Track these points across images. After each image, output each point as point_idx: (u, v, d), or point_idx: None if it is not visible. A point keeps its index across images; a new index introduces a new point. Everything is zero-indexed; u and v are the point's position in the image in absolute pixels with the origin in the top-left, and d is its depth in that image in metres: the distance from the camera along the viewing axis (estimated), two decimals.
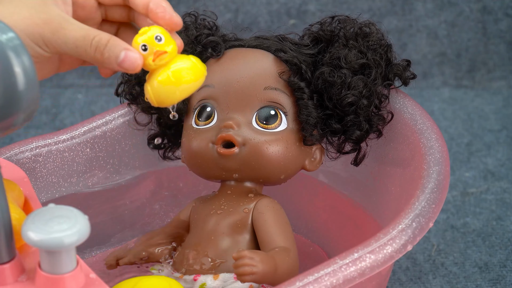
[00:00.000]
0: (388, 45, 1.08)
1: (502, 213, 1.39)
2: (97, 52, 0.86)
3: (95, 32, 0.87)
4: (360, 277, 0.92)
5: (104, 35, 0.87)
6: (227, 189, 1.06)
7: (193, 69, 0.90)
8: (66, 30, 0.86)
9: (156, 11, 0.89)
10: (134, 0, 0.91)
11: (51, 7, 0.87)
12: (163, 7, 0.89)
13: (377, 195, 1.12)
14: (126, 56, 0.86)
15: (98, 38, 0.86)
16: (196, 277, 1.00)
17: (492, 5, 1.72)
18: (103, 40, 0.86)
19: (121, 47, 0.86)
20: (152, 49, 0.88)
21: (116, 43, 0.86)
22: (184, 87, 0.89)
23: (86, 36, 0.86)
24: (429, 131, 1.06)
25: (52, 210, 0.82)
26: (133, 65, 0.87)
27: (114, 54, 0.86)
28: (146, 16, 0.91)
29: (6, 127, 0.76)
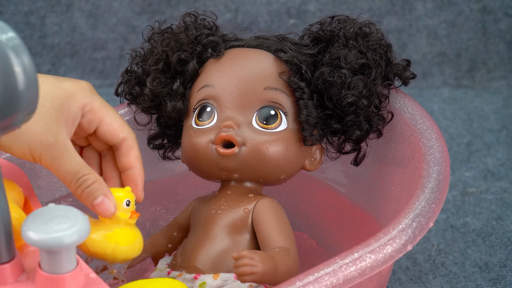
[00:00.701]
0: (388, 45, 1.08)
1: (502, 213, 1.39)
2: (79, 189, 0.93)
3: (86, 171, 0.93)
4: (360, 277, 0.92)
5: (92, 176, 0.93)
6: (227, 189, 1.06)
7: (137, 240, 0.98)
8: (63, 161, 0.92)
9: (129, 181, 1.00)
10: (121, 156, 0.99)
11: (60, 131, 0.92)
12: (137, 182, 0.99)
13: (377, 195, 1.12)
14: (102, 202, 0.93)
15: (86, 178, 0.92)
16: (196, 276, 1.00)
17: (492, 5, 1.72)
18: (89, 180, 0.93)
19: (101, 191, 0.93)
20: (131, 208, 0.97)
21: (99, 187, 0.93)
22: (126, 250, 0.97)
23: (76, 173, 0.92)
24: (429, 131, 1.06)
25: (52, 210, 0.82)
26: (104, 212, 0.94)
27: (93, 195, 0.93)
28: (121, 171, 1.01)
29: (5, 127, 0.76)
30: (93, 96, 0.96)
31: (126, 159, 0.99)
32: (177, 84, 1.08)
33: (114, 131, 0.98)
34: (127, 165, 0.99)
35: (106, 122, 0.97)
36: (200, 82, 1.07)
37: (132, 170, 1.00)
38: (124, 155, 0.99)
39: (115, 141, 0.99)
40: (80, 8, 1.71)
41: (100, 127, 0.98)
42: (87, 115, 0.96)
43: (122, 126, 0.99)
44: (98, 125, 0.97)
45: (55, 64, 1.71)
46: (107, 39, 1.71)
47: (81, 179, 0.92)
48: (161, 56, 1.09)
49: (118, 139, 0.99)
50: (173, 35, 1.10)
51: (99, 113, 0.97)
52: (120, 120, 0.99)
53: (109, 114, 0.98)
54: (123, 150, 0.99)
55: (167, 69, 1.09)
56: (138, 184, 0.99)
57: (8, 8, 1.71)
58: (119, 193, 0.96)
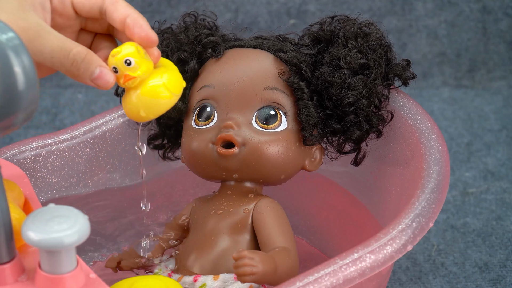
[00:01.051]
0: (388, 45, 1.08)
1: (502, 213, 1.39)
2: (73, 66, 0.87)
3: (73, 45, 0.87)
4: (360, 277, 0.92)
5: (81, 48, 0.87)
6: (227, 189, 1.06)
7: (170, 84, 0.91)
8: (43, 39, 0.86)
9: (133, 28, 0.90)
10: (111, 15, 0.91)
11: (29, 14, 0.86)
12: (139, 24, 0.91)
13: (377, 195, 1.12)
14: (100, 73, 0.87)
15: (75, 51, 0.86)
16: (196, 277, 1.00)
17: (492, 5, 1.72)
18: (81, 54, 0.87)
19: (96, 63, 0.87)
20: (122, 72, 0.89)
21: (92, 59, 0.87)
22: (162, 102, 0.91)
23: (63, 47, 0.86)
24: (429, 131, 1.06)
25: (52, 210, 0.82)
26: (105, 83, 0.88)
27: (89, 70, 0.87)
28: (122, 31, 0.92)
29: (6, 127, 0.76)
30: None
31: (116, 13, 0.91)
32: None
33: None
34: (121, 17, 0.91)
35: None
36: (200, 82, 1.07)
37: (129, 17, 0.91)
38: (113, 11, 0.91)
39: (97, 5, 0.91)
40: None
41: (74, 2, 0.91)
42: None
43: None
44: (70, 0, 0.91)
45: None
46: None
47: (71, 54, 0.86)
48: None
49: (97, 1, 0.91)
50: (173, 35, 1.10)
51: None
52: None
53: None
54: (109, 7, 0.91)
55: None
56: (143, 26, 0.91)
57: None
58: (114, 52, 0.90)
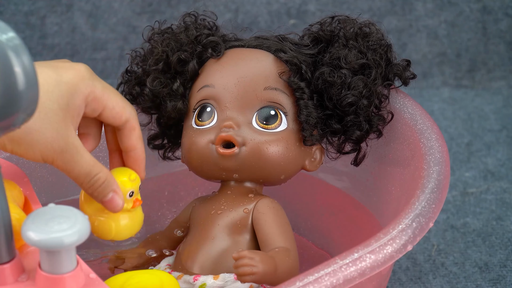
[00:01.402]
0: (388, 45, 1.08)
1: (502, 213, 1.39)
2: (90, 189, 0.95)
3: (98, 170, 0.94)
4: (360, 277, 0.92)
5: (102, 174, 0.94)
6: (227, 189, 1.06)
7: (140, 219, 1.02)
8: (75, 163, 0.93)
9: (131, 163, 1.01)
10: (123, 137, 1.00)
11: (69, 133, 0.92)
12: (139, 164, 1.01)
13: (377, 195, 1.12)
14: (111, 198, 0.96)
15: (97, 178, 0.94)
16: (196, 277, 1.00)
17: (492, 5, 1.72)
18: (101, 180, 0.94)
19: (111, 188, 0.95)
20: (135, 197, 0.98)
21: (109, 185, 0.95)
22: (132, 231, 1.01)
23: (89, 174, 0.94)
24: (429, 131, 1.06)
25: (52, 210, 0.82)
26: (114, 208, 0.96)
27: (103, 193, 0.95)
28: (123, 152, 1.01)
29: (6, 127, 0.76)
30: (94, 83, 0.95)
31: (128, 140, 0.99)
32: (177, 84, 1.08)
33: (116, 114, 0.98)
34: (130, 146, 1.00)
35: (108, 107, 0.97)
36: (200, 82, 1.07)
37: (134, 152, 1.00)
38: (126, 137, 0.99)
39: (118, 124, 0.99)
40: (80, 8, 1.71)
41: (104, 112, 0.97)
42: (91, 104, 0.95)
43: (124, 108, 0.98)
44: (101, 111, 0.97)
45: None
46: (107, 39, 1.71)
47: (92, 180, 0.94)
48: (161, 56, 1.09)
49: (121, 121, 0.98)
50: (173, 35, 1.10)
51: (102, 99, 0.96)
52: (122, 102, 0.98)
53: (111, 98, 0.97)
54: (126, 132, 0.99)
55: (167, 69, 1.09)
56: (140, 165, 1.00)
57: (8, 8, 1.71)
58: (124, 177, 0.98)
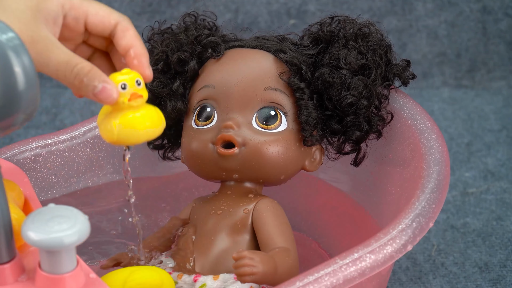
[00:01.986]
0: (387, 46, 1.08)
1: (502, 213, 1.39)
2: (77, 79, 0.89)
3: (78, 60, 0.89)
4: (360, 277, 0.92)
5: (86, 64, 0.89)
6: (227, 190, 1.06)
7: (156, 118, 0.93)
8: (50, 52, 0.88)
9: (133, 60, 0.94)
10: (118, 40, 0.94)
11: (40, 27, 0.88)
12: (140, 59, 0.94)
13: (377, 195, 1.12)
14: (103, 88, 0.89)
15: (80, 66, 0.89)
16: (196, 277, 1.00)
17: (492, 5, 1.72)
18: (85, 69, 0.89)
19: (100, 78, 0.89)
20: (130, 90, 0.91)
21: (97, 74, 0.89)
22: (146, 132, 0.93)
23: (68, 62, 0.88)
24: (429, 131, 1.06)
25: (52, 210, 0.82)
26: (108, 98, 0.90)
27: (92, 84, 0.89)
28: (123, 56, 0.94)
29: (6, 127, 0.76)
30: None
31: (123, 41, 0.94)
32: (177, 84, 1.08)
33: (103, 18, 0.94)
34: (127, 46, 0.94)
35: (92, 13, 0.94)
36: (200, 82, 1.07)
37: (133, 49, 0.94)
38: (121, 38, 0.94)
39: (108, 29, 0.95)
40: None
41: (88, 20, 0.94)
42: (70, 13, 0.92)
43: (110, 12, 0.95)
44: (85, 19, 0.94)
45: None
46: None
47: (76, 69, 0.89)
48: (161, 56, 1.09)
49: (110, 25, 0.95)
50: (173, 35, 1.10)
51: (82, 7, 0.93)
52: (106, 8, 0.95)
53: (92, 5, 0.94)
54: (119, 33, 0.94)
55: (167, 70, 1.09)
56: (143, 61, 0.94)
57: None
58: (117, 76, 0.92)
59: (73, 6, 0.92)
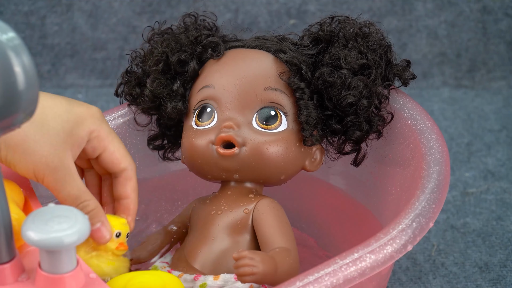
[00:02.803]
0: (388, 45, 1.08)
1: (502, 213, 1.39)
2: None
3: (87, 197, 0.95)
4: (360, 277, 0.92)
5: (92, 202, 0.95)
6: (227, 190, 1.06)
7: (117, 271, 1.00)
8: (66, 184, 0.93)
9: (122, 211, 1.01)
10: (118, 184, 1.01)
11: (66, 155, 0.94)
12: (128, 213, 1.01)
13: (377, 195, 1.12)
14: (99, 229, 0.95)
15: (86, 204, 0.94)
16: (196, 277, 1.00)
17: (492, 5, 1.72)
18: (89, 207, 0.95)
19: (99, 219, 0.95)
20: (120, 240, 0.98)
21: (98, 214, 0.95)
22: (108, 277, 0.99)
23: (78, 197, 0.94)
24: (429, 131, 1.06)
25: (52, 210, 0.82)
26: (100, 239, 0.96)
27: (91, 221, 0.95)
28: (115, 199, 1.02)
29: (6, 127, 0.76)
30: (102, 124, 0.98)
31: (122, 189, 1.01)
32: (177, 85, 1.08)
33: (115, 160, 0.99)
34: (123, 195, 1.01)
35: (109, 150, 0.99)
36: (200, 82, 1.07)
37: (127, 201, 1.01)
38: (121, 185, 1.01)
39: (115, 170, 1.00)
40: (80, 8, 1.71)
41: (103, 154, 0.99)
42: (93, 141, 0.97)
43: (124, 156, 1.00)
44: (101, 152, 0.99)
45: (55, 64, 1.71)
46: (107, 39, 1.71)
47: (81, 205, 0.94)
48: (161, 57, 1.09)
49: (118, 168, 1.00)
50: (173, 35, 1.10)
51: (105, 141, 0.98)
52: (123, 150, 1.00)
53: (113, 143, 0.99)
54: (121, 180, 1.01)
55: (167, 70, 1.09)
56: (131, 215, 1.01)
57: (8, 8, 1.71)
58: (114, 220, 0.98)
59: (99, 137, 0.98)
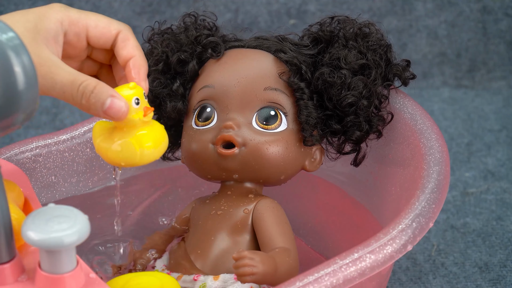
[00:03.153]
0: (387, 45, 1.08)
1: (502, 213, 1.39)
2: (84, 98, 0.87)
3: (83, 78, 0.87)
4: (360, 277, 0.92)
5: (91, 80, 0.87)
6: (227, 190, 1.06)
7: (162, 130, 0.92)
8: (54, 74, 0.87)
9: (131, 71, 0.93)
10: (119, 51, 0.93)
11: (42, 49, 0.87)
12: (137, 70, 0.93)
13: (377, 195, 1.12)
14: (112, 103, 0.87)
15: (85, 84, 0.87)
16: (196, 277, 1.00)
17: (492, 5, 1.72)
18: (90, 86, 0.87)
19: (107, 93, 0.87)
20: (143, 104, 0.89)
21: (103, 90, 0.87)
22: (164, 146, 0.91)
23: (73, 82, 0.87)
24: (429, 131, 1.06)
25: (52, 210, 0.82)
26: (118, 113, 0.88)
27: (100, 100, 0.87)
28: (122, 67, 0.94)
29: (6, 127, 0.76)
30: (67, 9, 0.92)
31: (124, 51, 0.94)
32: (177, 85, 1.08)
33: (103, 29, 0.93)
34: (127, 56, 0.94)
35: (92, 26, 0.93)
36: (200, 82, 1.07)
37: (133, 59, 0.94)
38: (121, 48, 0.94)
39: (110, 40, 0.94)
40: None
41: (89, 34, 0.93)
42: (70, 29, 0.92)
43: (110, 22, 0.94)
44: (86, 33, 0.93)
45: None
46: None
47: (81, 87, 0.87)
48: (161, 56, 1.09)
49: (111, 35, 0.94)
50: (173, 35, 1.10)
51: (80, 21, 0.92)
52: (105, 18, 0.94)
53: (90, 17, 0.93)
54: (120, 44, 0.94)
55: (167, 70, 1.09)
56: (141, 73, 0.93)
57: (8, 8, 1.71)
58: (125, 90, 0.89)
59: (72, 22, 0.91)
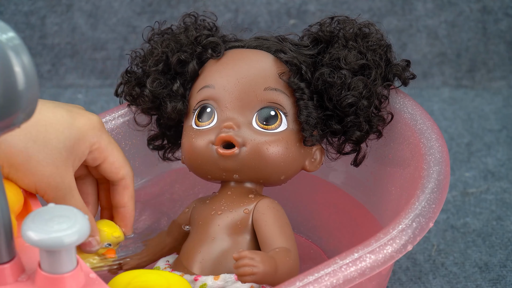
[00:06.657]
0: (387, 46, 1.08)
1: (502, 213, 1.39)
2: None
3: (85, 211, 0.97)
4: (360, 277, 0.92)
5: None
6: (227, 190, 1.06)
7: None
8: (65, 201, 0.96)
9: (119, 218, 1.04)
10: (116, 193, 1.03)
11: (68, 173, 0.95)
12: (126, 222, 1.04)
13: (377, 195, 1.12)
14: (89, 242, 1.00)
15: None
16: (196, 277, 1.00)
17: (492, 5, 1.72)
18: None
19: (92, 234, 0.99)
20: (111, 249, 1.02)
21: (91, 230, 0.98)
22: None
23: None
24: (429, 131, 1.06)
25: (52, 209, 0.82)
26: (88, 250, 1.00)
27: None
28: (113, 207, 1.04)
29: (5, 127, 0.76)
30: (102, 135, 0.99)
31: (120, 197, 1.03)
32: (177, 85, 1.08)
33: (115, 169, 1.01)
34: (120, 203, 1.03)
35: (109, 161, 1.00)
36: (200, 82, 1.07)
37: (124, 209, 1.03)
38: (118, 193, 1.03)
39: (114, 179, 1.02)
40: (80, 8, 1.71)
41: (103, 164, 1.00)
42: (93, 153, 0.99)
43: (123, 165, 1.02)
44: (101, 162, 1.00)
45: (55, 64, 1.71)
46: (107, 39, 1.71)
47: None
48: (161, 57, 1.09)
49: (117, 177, 1.02)
50: (173, 36, 1.10)
51: (105, 152, 1.00)
52: (122, 159, 1.02)
53: (113, 153, 1.00)
54: (119, 189, 1.03)
55: (167, 70, 1.09)
56: (128, 223, 1.04)
57: (8, 8, 1.71)
58: (108, 230, 1.02)
59: (99, 148, 0.99)
